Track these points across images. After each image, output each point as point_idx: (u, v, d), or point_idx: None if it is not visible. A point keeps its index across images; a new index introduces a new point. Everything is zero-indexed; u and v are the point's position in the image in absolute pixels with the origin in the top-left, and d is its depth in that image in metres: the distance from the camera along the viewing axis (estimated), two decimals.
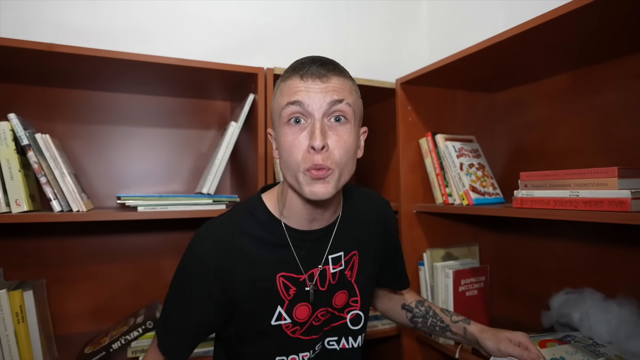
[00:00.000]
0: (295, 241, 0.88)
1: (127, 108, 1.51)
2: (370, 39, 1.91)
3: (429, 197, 1.48)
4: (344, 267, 0.92)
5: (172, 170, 1.57)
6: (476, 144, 1.49)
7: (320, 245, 0.90)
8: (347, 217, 0.95)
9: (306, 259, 0.88)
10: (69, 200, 1.15)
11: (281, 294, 0.86)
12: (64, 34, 1.43)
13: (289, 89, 0.78)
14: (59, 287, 1.40)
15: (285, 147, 0.77)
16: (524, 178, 1.09)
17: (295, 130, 0.77)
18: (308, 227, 0.88)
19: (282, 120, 0.78)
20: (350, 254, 0.93)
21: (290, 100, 0.76)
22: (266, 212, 0.89)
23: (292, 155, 0.77)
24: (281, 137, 0.78)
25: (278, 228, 0.87)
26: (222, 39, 1.65)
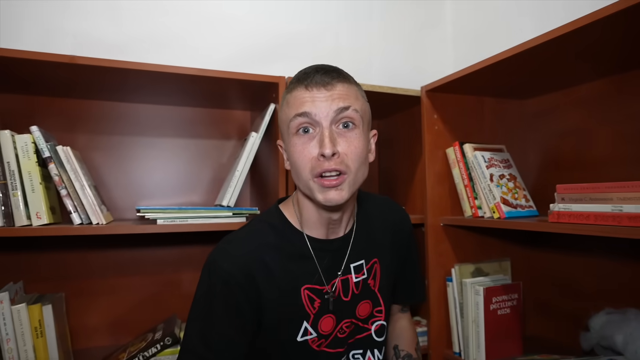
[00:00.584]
0: (317, 251, 0.88)
1: (146, 119, 1.53)
2: (394, 45, 1.90)
3: (456, 209, 1.45)
4: (366, 275, 0.93)
5: (191, 181, 1.58)
6: (506, 154, 1.45)
7: (341, 254, 0.91)
8: (363, 224, 0.95)
9: (328, 270, 0.89)
10: (89, 213, 1.16)
11: (307, 307, 0.86)
12: (84, 44, 1.45)
13: (295, 100, 0.81)
14: (78, 300, 1.41)
15: (295, 157, 0.80)
16: (561, 191, 1.05)
17: (305, 140, 0.80)
18: (326, 236, 0.90)
19: (290, 132, 0.81)
20: (371, 261, 0.94)
21: (298, 112, 0.79)
22: (286, 223, 0.90)
23: (303, 164, 0.80)
24: (291, 148, 0.81)
25: (299, 238, 0.88)
26: (241, 47, 1.66)
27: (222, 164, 1.61)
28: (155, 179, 1.54)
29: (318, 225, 0.88)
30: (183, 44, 1.58)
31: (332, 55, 1.78)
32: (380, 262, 0.96)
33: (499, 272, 1.45)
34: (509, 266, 1.49)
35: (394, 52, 1.90)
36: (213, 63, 1.59)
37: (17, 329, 1.09)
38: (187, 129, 1.58)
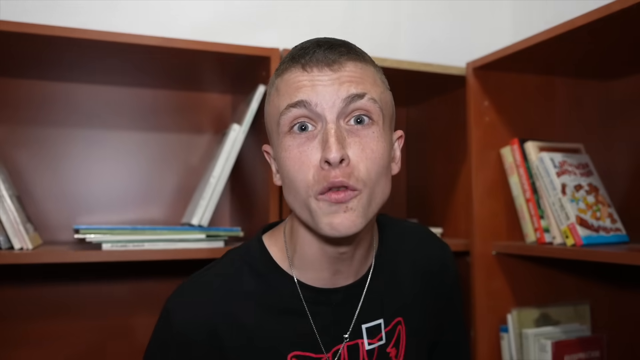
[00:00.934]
0: (313, 305, 0.87)
1: (90, 104, 1.56)
2: (430, 8, 1.92)
3: (515, 232, 1.47)
4: (385, 341, 0.91)
5: (150, 191, 1.61)
6: (585, 156, 1.48)
7: (348, 309, 0.89)
8: (385, 266, 0.94)
9: (328, 331, 0.88)
10: (9, 234, 1.18)
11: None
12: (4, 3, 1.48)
13: (288, 86, 0.79)
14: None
15: (289, 166, 0.78)
16: None
17: (301, 140, 0.77)
18: (330, 283, 0.88)
19: (281, 130, 0.79)
20: (393, 322, 0.92)
21: (292, 102, 0.77)
22: (270, 262, 0.89)
23: (300, 175, 0.76)
24: (282, 153, 0.79)
25: (287, 286, 0.87)
26: (220, 11, 1.69)
27: (192, 167, 1.64)
28: (102, 187, 1.57)
29: (319, 265, 0.87)
30: (141, 3, 1.61)
31: (345, 20, 1.81)
32: (406, 322, 0.94)
33: (573, 321, 1.46)
34: (588, 312, 1.50)
35: (431, 15, 1.92)
36: (181, 30, 1.61)
37: None
38: (144, 119, 1.61)
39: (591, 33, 1.18)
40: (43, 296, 1.48)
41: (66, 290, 1.50)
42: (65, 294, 1.50)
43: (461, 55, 1.73)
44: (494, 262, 1.45)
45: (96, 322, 1.52)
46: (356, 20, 1.82)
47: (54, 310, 1.49)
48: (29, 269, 1.46)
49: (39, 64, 1.38)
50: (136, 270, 1.54)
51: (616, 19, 1.09)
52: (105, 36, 1.19)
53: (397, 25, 1.88)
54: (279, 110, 0.79)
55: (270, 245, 0.91)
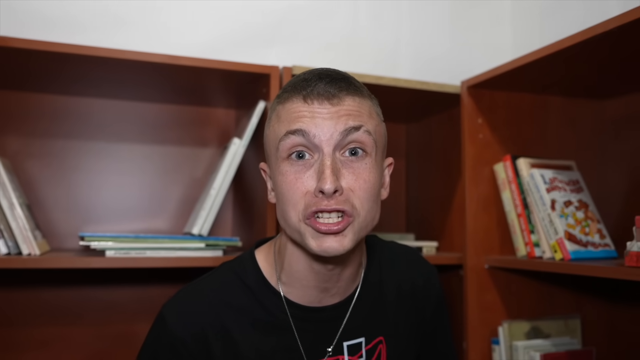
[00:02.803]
0: (298, 321, 0.91)
1: (98, 118, 1.61)
2: (431, 28, 1.97)
3: (507, 247, 1.50)
4: (364, 358, 0.94)
5: (156, 202, 1.66)
6: (576, 173, 1.50)
7: (333, 326, 0.93)
8: (372, 287, 0.98)
9: (313, 347, 0.91)
10: (18, 240, 1.24)
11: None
12: (16, 19, 1.54)
13: (288, 114, 0.83)
14: (4, 354, 1.48)
15: (284, 189, 0.82)
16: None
17: (298, 167, 0.82)
18: (317, 301, 0.92)
19: (280, 155, 0.83)
20: (374, 340, 0.96)
21: (291, 129, 0.81)
22: (259, 277, 0.93)
23: (293, 199, 0.81)
24: (279, 176, 0.83)
25: (274, 301, 0.91)
26: (225, 28, 1.74)
27: (196, 180, 1.68)
28: (109, 197, 1.62)
29: (306, 283, 0.90)
30: (149, 22, 1.67)
31: (348, 38, 1.86)
32: (387, 342, 0.97)
33: (564, 334, 1.48)
34: (579, 326, 1.52)
35: (431, 34, 1.96)
36: (188, 47, 1.66)
37: None
38: (151, 132, 1.66)
39: (587, 52, 1.20)
40: (48, 301, 1.53)
41: (71, 296, 1.55)
42: (70, 300, 1.55)
43: (462, 74, 1.78)
44: (487, 275, 1.48)
45: (99, 328, 1.56)
46: (358, 39, 1.86)
47: (58, 316, 1.54)
48: (35, 274, 1.51)
49: (51, 78, 1.44)
50: (139, 277, 1.60)
51: (612, 39, 1.12)
52: (115, 54, 1.25)
53: (397, 44, 1.93)
54: (278, 136, 0.83)
55: (261, 260, 0.95)
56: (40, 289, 1.53)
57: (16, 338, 1.50)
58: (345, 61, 1.82)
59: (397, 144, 1.93)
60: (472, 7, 2.02)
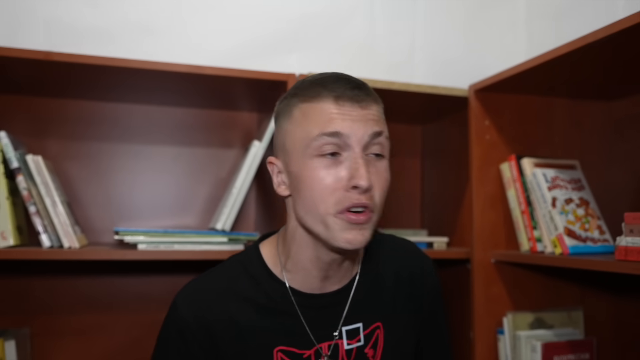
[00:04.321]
0: (300, 307, 0.97)
1: (131, 122, 1.72)
2: (444, 31, 2.03)
3: (512, 242, 1.55)
4: (363, 343, 0.99)
5: (184, 200, 1.76)
6: (579, 172, 1.55)
7: (332, 312, 0.99)
8: (369, 276, 1.03)
9: (313, 330, 0.97)
10: (59, 234, 1.35)
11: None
12: (58, 34, 1.67)
13: (319, 115, 0.87)
14: (44, 340, 1.60)
15: (313, 184, 0.87)
16: (630, 221, 1.15)
17: (328, 163, 0.87)
18: (318, 288, 0.98)
19: (309, 152, 0.87)
20: (371, 326, 1.00)
21: (326, 131, 0.86)
22: (263, 268, 0.99)
23: (325, 193, 0.86)
24: (306, 172, 0.87)
25: (277, 289, 0.98)
26: (246, 37, 1.83)
27: (221, 179, 1.78)
28: (141, 196, 1.72)
29: (308, 273, 0.96)
30: (177, 34, 1.78)
31: (363, 44, 1.93)
32: (384, 327, 1.01)
33: (567, 325, 1.53)
34: (581, 318, 1.57)
35: (446, 39, 2.02)
36: (214, 56, 1.77)
37: None
38: (181, 135, 1.76)
39: (593, 54, 1.24)
40: (85, 291, 1.64)
41: (106, 286, 1.66)
42: (105, 290, 1.66)
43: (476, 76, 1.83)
44: (493, 269, 1.54)
45: (133, 316, 1.67)
46: (375, 44, 1.93)
47: (94, 304, 1.65)
48: (75, 266, 1.63)
49: (88, 87, 1.55)
50: (168, 268, 1.70)
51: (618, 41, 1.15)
52: (146, 65, 1.35)
53: (412, 48, 1.98)
54: (309, 135, 0.87)
55: (265, 252, 1.01)
56: (78, 279, 1.64)
57: (56, 325, 1.61)
58: (361, 66, 1.90)
59: (413, 145, 1.99)
60: (486, 12, 2.07)
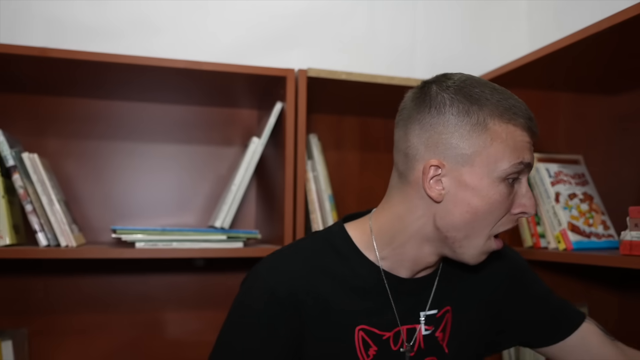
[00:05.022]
0: (392, 289, 0.97)
1: (131, 119, 1.72)
2: (444, 26, 2.02)
3: (516, 238, 1.55)
4: (434, 328, 1.01)
5: (184, 198, 1.75)
6: (582, 167, 1.54)
7: (416, 298, 1.00)
8: (450, 268, 1.05)
9: (395, 314, 0.97)
10: (56, 233, 1.35)
11: (358, 352, 0.95)
12: (57, 30, 1.66)
13: (516, 142, 0.88)
14: (43, 339, 1.60)
15: (486, 205, 0.88)
16: (635, 215, 1.14)
17: (509, 190, 0.89)
18: (408, 274, 0.99)
19: (497, 174, 0.87)
20: (442, 310, 1.02)
21: (525, 161, 0.89)
22: (352, 246, 0.99)
23: (493, 216, 0.89)
24: (491, 193, 0.87)
25: (366, 268, 0.97)
26: (248, 33, 1.83)
27: (221, 176, 1.77)
28: (140, 194, 1.72)
29: (411, 262, 0.97)
30: (180, 30, 1.77)
31: (363, 40, 1.92)
32: (453, 311, 1.03)
33: None
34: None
35: (446, 34, 2.01)
36: (214, 52, 1.77)
37: None
38: (180, 133, 1.76)
39: (596, 47, 1.24)
40: (85, 290, 1.64)
41: (105, 285, 1.66)
42: (104, 289, 1.65)
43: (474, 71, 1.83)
44: None
45: (132, 316, 1.67)
46: (375, 41, 1.92)
47: (94, 304, 1.64)
48: (73, 265, 1.62)
49: (84, 84, 1.54)
50: (167, 267, 1.70)
51: (619, 33, 1.14)
52: (146, 61, 1.35)
53: (413, 44, 1.98)
54: (504, 158, 0.87)
55: (353, 233, 1.00)
56: (77, 278, 1.64)
57: (54, 324, 1.61)
58: (361, 62, 1.89)
59: None
60: (487, 6, 2.06)
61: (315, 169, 1.61)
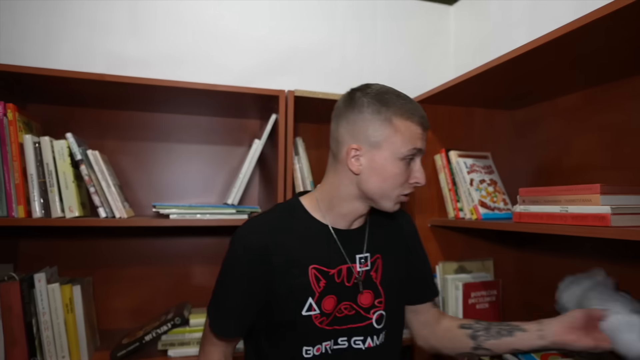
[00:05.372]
0: (334, 238, 1.00)
1: (167, 127, 1.72)
2: (398, 59, 2.03)
3: (443, 211, 1.57)
4: (369, 267, 1.03)
5: (207, 183, 1.76)
6: (489, 161, 1.57)
7: (352, 245, 1.02)
8: (374, 222, 1.07)
9: (336, 256, 1.00)
10: (112, 208, 1.36)
11: (313, 285, 0.97)
12: (114, 61, 1.67)
13: (411, 133, 0.92)
14: (103, 287, 1.61)
15: (392, 175, 0.93)
16: (523, 194, 1.17)
17: (405, 167, 0.93)
18: (346, 226, 1.01)
19: (398, 155, 0.92)
20: (374, 256, 1.04)
21: (417, 147, 0.93)
22: (304, 211, 1.02)
23: (396, 183, 0.93)
24: (393, 168, 0.92)
25: (317, 225, 1.00)
26: (253, 62, 1.83)
27: (234, 168, 1.78)
28: (174, 180, 1.73)
29: (346, 217, 1.00)
30: (199, 61, 1.78)
31: (338, 69, 1.94)
32: (383, 258, 1.05)
33: (481, 270, 1.56)
34: (492, 265, 1.59)
35: (399, 66, 2.03)
36: (227, 77, 1.77)
37: (52, 304, 1.29)
38: (203, 136, 1.76)
39: (498, 74, 1.25)
40: (133, 249, 1.65)
41: (149, 245, 1.67)
42: (149, 248, 1.67)
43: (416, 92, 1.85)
44: (429, 231, 1.56)
45: (169, 268, 1.68)
46: (345, 69, 1.94)
47: (141, 259, 1.66)
48: (125, 231, 1.64)
49: (135, 101, 1.54)
50: (193, 232, 1.71)
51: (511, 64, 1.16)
52: (178, 84, 1.36)
53: (376, 72, 1.98)
54: (405, 146, 0.91)
55: (304, 202, 1.03)
56: (128, 241, 1.65)
57: (111, 275, 1.62)
58: (335, 85, 1.90)
59: None
60: (427, 46, 2.08)
61: (300, 163, 1.62)
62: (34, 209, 1.28)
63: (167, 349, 1.38)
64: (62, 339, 1.30)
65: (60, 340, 1.29)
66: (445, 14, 2.11)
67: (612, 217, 0.92)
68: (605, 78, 1.29)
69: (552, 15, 1.52)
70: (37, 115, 1.52)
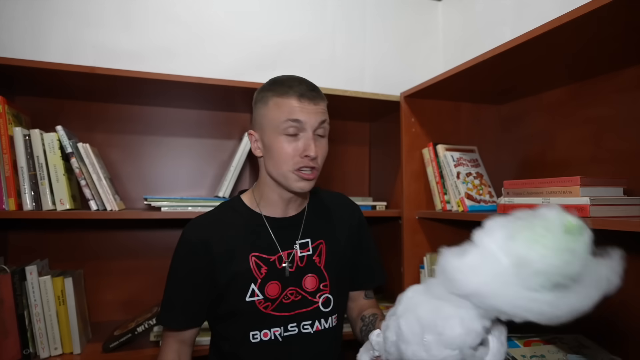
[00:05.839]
0: (272, 227, 1.06)
1: (157, 120, 1.73)
2: (386, 54, 2.05)
3: (430, 204, 1.60)
4: (311, 252, 1.08)
5: (197, 177, 1.77)
6: (476, 154, 1.60)
7: (290, 232, 1.08)
8: (314, 210, 1.12)
9: (276, 243, 1.06)
10: (104, 201, 1.37)
11: (254, 272, 1.02)
12: (103, 54, 1.66)
13: (287, 106, 0.97)
14: (94, 279, 1.62)
15: (281, 152, 0.98)
16: (507, 186, 1.20)
17: (291, 140, 0.98)
18: (281, 215, 1.07)
19: (278, 131, 0.98)
20: (317, 242, 1.09)
21: (292, 118, 0.96)
22: (243, 204, 1.09)
23: (286, 158, 0.97)
24: (276, 144, 0.98)
25: (253, 216, 1.07)
26: (242, 57, 1.84)
27: (224, 161, 1.79)
28: (165, 174, 1.73)
29: (276, 204, 1.06)
30: (189, 54, 1.78)
31: (327, 64, 1.95)
32: (326, 243, 1.10)
33: None
34: None
35: (388, 61, 2.05)
36: (218, 70, 1.77)
37: (44, 297, 1.30)
38: (193, 129, 1.77)
39: (484, 70, 1.28)
40: (123, 242, 1.66)
41: (141, 238, 1.68)
42: (140, 241, 1.67)
43: (403, 87, 1.88)
44: (417, 223, 1.59)
45: (159, 261, 1.66)
46: (333, 64, 1.95)
47: (133, 252, 1.67)
48: (115, 223, 1.64)
49: (124, 93, 1.55)
50: (184, 225, 1.69)
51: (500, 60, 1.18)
52: (168, 77, 1.37)
53: (363, 66, 2.00)
54: (279, 119, 0.96)
55: (244, 197, 1.11)
56: (118, 233, 1.65)
57: (102, 267, 1.63)
58: (324, 79, 1.91)
59: (363, 136, 2.01)
60: (416, 41, 2.10)
61: None
62: (24, 201, 1.28)
63: (159, 340, 1.40)
64: (54, 330, 1.31)
65: (52, 332, 1.30)
66: (434, 10, 2.13)
67: (591, 208, 0.96)
68: (591, 73, 1.32)
69: (538, 10, 1.55)
70: (26, 108, 1.51)
